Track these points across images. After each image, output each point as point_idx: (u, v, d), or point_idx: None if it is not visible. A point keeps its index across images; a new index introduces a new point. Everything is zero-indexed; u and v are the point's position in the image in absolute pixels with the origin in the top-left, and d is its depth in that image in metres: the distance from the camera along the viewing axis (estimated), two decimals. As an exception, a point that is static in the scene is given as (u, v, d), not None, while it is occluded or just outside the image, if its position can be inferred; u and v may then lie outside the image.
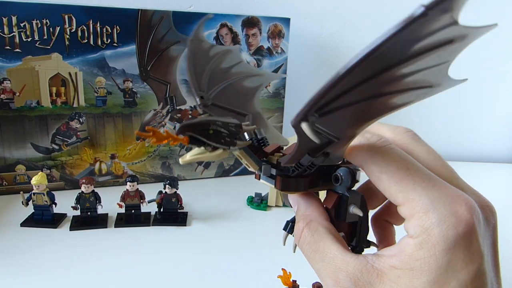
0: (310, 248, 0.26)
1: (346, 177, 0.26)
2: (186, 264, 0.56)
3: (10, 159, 0.75)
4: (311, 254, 0.25)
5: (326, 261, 0.24)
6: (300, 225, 0.27)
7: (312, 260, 0.25)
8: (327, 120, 0.20)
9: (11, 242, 0.60)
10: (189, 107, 0.83)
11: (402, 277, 0.21)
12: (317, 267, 0.25)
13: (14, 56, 0.70)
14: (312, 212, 0.27)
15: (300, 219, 0.27)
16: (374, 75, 0.17)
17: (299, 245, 0.27)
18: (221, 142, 0.24)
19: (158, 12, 0.75)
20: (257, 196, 0.76)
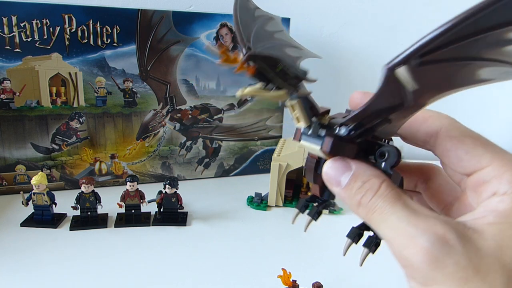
0: (388, 203, 0.23)
1: (393, 155, 0.25)
2: (186, 264, 0.56)
3: (10, 159, 0.75)
4: (391, 210, 0.22)
5: (419, 218, 0.21)
6: (375, 181, 0.24)
7: (390, 218, 0.22)
8: (419, 73, 0.19)
9: (11, 242, 0.60)
10: (189, 107, 0.83)
11: (504, 230, 0.21)
12: (398, 225, 0.22)
13: (14, 56, 0.70)
14: (380, 173, 0.24)
15: (370, 177, 0.24)
16: (488, 29, 0.17)
17: (371, 202, 0.23)
18: (286, 82, 0.23)
19: (158, 12, 0.75)
20: (257, 196, 0.76)
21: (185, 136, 0.85)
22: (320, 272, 0.55)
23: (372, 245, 0.27)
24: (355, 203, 0.24)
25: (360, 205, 0.24)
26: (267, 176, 0.76)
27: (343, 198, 0.25)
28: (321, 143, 0.25)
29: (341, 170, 0.25)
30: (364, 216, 0.24)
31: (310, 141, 0.26)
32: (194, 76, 0.81)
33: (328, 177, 0.25)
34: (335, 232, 0.66)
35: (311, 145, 0.26)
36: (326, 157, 0.26)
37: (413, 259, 0.20)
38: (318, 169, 0.28)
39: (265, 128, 0.91)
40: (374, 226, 0.23)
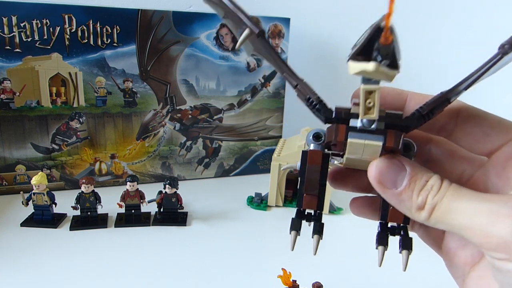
0: (454, 190, 0.22)
1: (414, 146, 0.24)
2: (186, 264, 0.56)
3: (10, 159, 0.75)
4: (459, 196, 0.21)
5: (483, 195, 0.21)
6: (437, 178, 0.22)
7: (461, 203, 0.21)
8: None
9: (11, 242, 0.60)
10: (189, 107, 0.83)
11: None
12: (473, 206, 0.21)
13: (14, 56, 0.70)
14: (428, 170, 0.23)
15: (430, 174, 0.23)
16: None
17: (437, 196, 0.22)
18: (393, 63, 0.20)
19: (158, 12, 0.75)
20: (257, 196, 0.76)
21: (185, 136, 0.85)
22: (320, 272, 0.55)
23: (410, 244, 0.25)
24: (418, 204, 0.22)
25: (426, 204, 0.22)
26: (267, 176, 0.76)
27: (400, 201, 0.23)
28: (383, 138, 0.22)
29: (396, 169, 0.23)
30: (427, 215, 0.22)
31: (362, 137, 0.22)
32: (194, 76, 0.81)
33: (382, 178, 0.23)
34: (335, 232, 0.66)
35: (367, 141, 0.22)
36: (372, 158, 0.23)
37: (498, 230, 0.19)
38: (323, 177, 0.26)
39: (265, 128, 0.91)
40: (443, 219, 0.22)
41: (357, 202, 0.30)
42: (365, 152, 0.23)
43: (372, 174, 0.23)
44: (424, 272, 0.56)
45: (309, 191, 0.26)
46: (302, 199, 0.26)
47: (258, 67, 0.85)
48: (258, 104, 0.88)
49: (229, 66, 0.83)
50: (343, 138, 0.23)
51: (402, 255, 0.25)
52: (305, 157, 0.26)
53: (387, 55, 0.19)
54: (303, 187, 0.26)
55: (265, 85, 0.87)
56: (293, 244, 0.27)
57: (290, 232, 0.27)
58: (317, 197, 0.26)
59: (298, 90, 0.25)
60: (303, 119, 0.82)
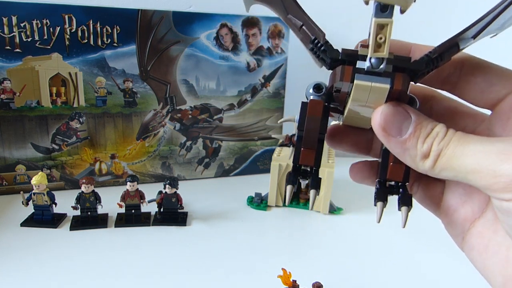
0: (460, 136, 0.21)
1: (418, 102, 0.24)
2: (186, 264, 0.56)
3: (10, 159, 0.75)
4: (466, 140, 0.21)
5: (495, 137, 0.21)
6: (442, 126, 0.22)
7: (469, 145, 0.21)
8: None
9: (11, 242, 0.60)
10: (189, 107, 0.83)
11: None
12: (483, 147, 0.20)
13: (14, 56, 0.70)
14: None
15: (435, 122, 0.22)
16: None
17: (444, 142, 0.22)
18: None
19: (158, 12, 0.75)
20: (257, 196, 0.76)
21: (185, 136, 0.85)
22: (320, 272, 0.55)
23: (409, 201, 0.25)
24: (424, 151, 0.22)
25: (431, 151, 0.21)
26: (267, 176, 0.76)
27: (404, 149, 0.22)
28: (390, 81, 0.21)
29: (402, 117, 0.22)
30: (431, 163, 0.22)
31: (370, 79, 0.21)
32: (194, 76, 0.81)
33: (387, 125, 0.22)
34: (335, 232, 0.66)
35: (375, 84, 0.21)
36: (376, 104, 0.22)
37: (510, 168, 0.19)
38: (322, 130, 0.25)
39: (265, 128, 0.91)
40: (450, 164, 0.21)
41: (357, 166, 0.29)
42: (371, 97, 0.22)
43: (377, 121, 0.22)
44: (424, 273, 0.56)
45: (307, 144, 0.25)
46: (299, 154, 0.25)
47: (258, 67, 0.85)
48: (258, 104, 0.88)
49: (229, 66, 0.83)
50: (349, 79, 0.21)
51: (401, 212, 0.25)
52: (305, 107, 0.24)
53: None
54: (301, 141, 0.25)
55: (265, 85, 0.87)
56: (289, 197, 0.26)
57: (285, 186, 0.26)
58: (315, 151, 0.25)
59: (304, 32, 0.24)
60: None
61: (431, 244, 0.62)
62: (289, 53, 0.87)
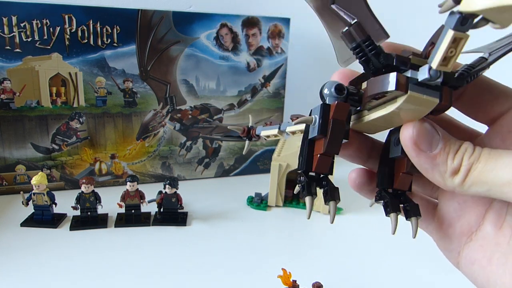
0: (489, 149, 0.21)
1: None
2: (186, 264, 0.56)
3: (10, 159, 0.75)
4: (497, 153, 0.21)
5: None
6: (469, 143, 0.22)
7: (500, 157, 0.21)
8: None
9: (11, 242, 0.60)
10: (189, 107, 0.83)
11: None
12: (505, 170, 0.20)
13: (14, 56, 0.70)
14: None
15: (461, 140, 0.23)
16: None
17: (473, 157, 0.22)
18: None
19: (158, 12, 0.75)
20: (257, 196, 0.76)
21: (185, 136, 0.85)
22: (320, 272, 0.55)
23: (418, 211, 0.24)
24: (454, 167, 0.22)
25: (462, 166, 0.21)
26: (267, 176, 0.76)
27: (434, 164, 0.22)
28: (439, 95, 0.20)
29: (432, 133, 0.22)
30: (461, 179, 0.22)
31: (422, 91, 0.20)
32: (194, 76, 0.81)
33: (420, 140, 0.22)
34: (335, 232, 0.66)
35: (425, 96, 0.20)
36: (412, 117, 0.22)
37: None
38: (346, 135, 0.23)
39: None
40: (482, 178, 0.21)
41: (356, 172, 0.29)
42: (417, 109, 0.21)
43: (409, 135, 0.22)
44: (424, 273, 0.56)
45: (331, 150, 0.23)
46: (315, 160, 0.23)
47: (258, 67, 0.85)
48: (258, 104, 0.88)
49: (229, 66, 0.83)
50: (404, 89, 0.20)
51: (411, 222, 0.24)
52: (327, 110, 0.23)
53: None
54: (312, 145, 0.23)
55: (265, 85, 0.87)
56: (309, 211, 0.24)
57: (304, 197, 0.23)
58: (332, 157, 0.23)
59: (356, 27, 0.22)
60: (303, 119, 0.82)
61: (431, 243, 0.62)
62: (289, 53, 0.87)
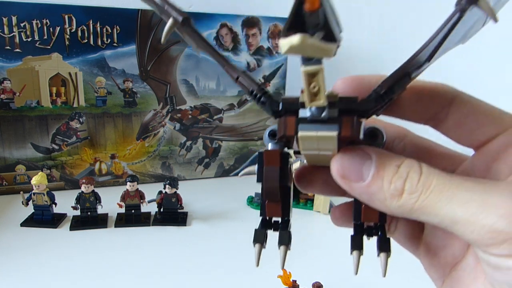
0: (444, 177, 0.19)
1: (382, 133, 0.22)
2: (186, 264, 0.56)
3: (10, 159, 0.75)
4: (453, 184, 0.19)
5: (484, 182, 0.19)
6: (411, 160, 0.20)
7: (458, 193, 0.18)
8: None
9: (11, 242, 0.60)
10: (189, 107, 0.83)
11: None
12: (471, 197, 0.18)
13: (14, 56, 0.70)
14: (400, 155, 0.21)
15: (402, 158, 0.20)
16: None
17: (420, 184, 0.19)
18: (338, 33, 0.17)
19: (158, 12, 0.75)
20: (257, 196, 0.76)
21: (185, 136, 0.85)
22: (320, 272, 0.55)
23: (388, 246, 0.22)
24: (394, 193, 0.19)
25: (404, 193, 0.19)
26: (267, 176, 0.76)
27: (370, 194, 0.20)
28: (338, 127, 0.19)
29: (360, 160, 0.20)
30: (411, 206, 0.19)
31: (315, 128, 0.19)
32: (194, 76, 0.81)
33: (345, 172, 0.20)
34: (335, 232, 0.66)
35: (320, 133, 0.19)
36: (330, 151, 0.21)
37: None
38: (284, 179, 0.23)
39: (265, 128, 0.91)
40: (433, 211, 0.19)
41: (338, 210, 0.27)
42: (321, 146, 0.20)
43: (335, 169, 0.21)
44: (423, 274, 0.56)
45: (270, 197, 0.23)
46: (265, 207, 0.23)
47: (258, 67, 0.85)
48: (258, 104, 0.88)
49: (229, 66, 0.83)
50: (293, 132, 0.20)
51: (380, 259, 0.23)
52: (261, 158, 0.23)
53: (318, 25, 0.16)
54: (264, 191, 0.23)
55: (265, 85, 0.87)
56: (257, 259, 0.24)
57: (253, 244, 0.24)
58: (280, 202, 0.23)
59: (240, 83, 0.22)
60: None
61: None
62: (289, 53, 0.87)
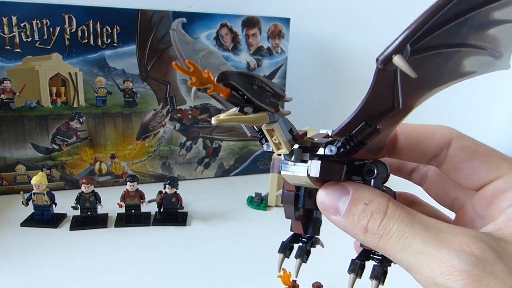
0: (406, 225, 0.20)
1: (382, 170, 0.23)
2: (186, 264, 0.56)
3: (10, 159, 0.75)
4: (412, 233, 0.20)
5: (446, 236, 0.19)
6: (381, 201, 0.21)
7: (413, 242, 0.19)
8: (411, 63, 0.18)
9: (11, 242, 0.60)
10: (189, 107, 0.83)
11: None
12: (424, 249, 0.19)
13: (14, 56, 0.70)
14: (381, 192, 0.22)
15: (372, 197, 0.21)
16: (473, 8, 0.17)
17: (382, 226, 0.20)
18: (265, 102, 0.19)
19: (158, 12, 0.75)
20: (257, 196, 0.76)
21: (185, 136, 0.85)
22: (320, 272, 0.55)
23: (381, 276, 0.24)
24: (361, 230, 0.21)
25: (368, 231, 0.21)
26: (267, 176, 0.76)
27: (345, 227, 0.22)
28: (307, 169, 0.22)
29: (337, 195, 0.22)
30: (375, 244, 0.21)
31: (292, 169, 0.23)
32: (194, 76, 0.81)
33: (324, 205, 0.22)
34: (335, 232, 0.65)
35: (296, 173, 0.22)
36: (315, 185, 0.23)
37: (453, 285, 0.18)
38: (298, 202, 0.25)
39: (265, 128, 0.91)
40: (391, 254, 0.20)
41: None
42: (301, 181, 0.23)
43: (318, 202, 0.23)
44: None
45: (288, 216, 0.26)
46: (291, 223, 0.27)
47: (258, 67, 0.85)
48: (258, 104, 0.88)
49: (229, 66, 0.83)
50: (278, 171, 0.24)
51: (371, 284, 0.25)
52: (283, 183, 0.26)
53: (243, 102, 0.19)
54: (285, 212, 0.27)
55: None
56: (279, 266, 0.29)
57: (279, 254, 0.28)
58: (300, 221, 0.27)
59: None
60: (303, 119, 0.82)
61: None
62: (289, 53, 0.87)
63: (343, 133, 0.22)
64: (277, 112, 0.20)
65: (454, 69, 0.20)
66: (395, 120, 0.21)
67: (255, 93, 0.19)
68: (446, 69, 0.20)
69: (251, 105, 0.19)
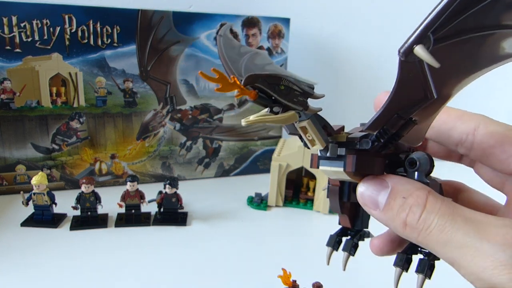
0: (447, 218, 0.19)
1: (424, 162, 0.22)
2: (186, 264, 0.56)
3: (10, 159, 0.75)
4: (453, 227, 0.19)
5: (489, 229, 0.18)
6: (420, 194, 0.20)
7: (455, 236, 0.19)
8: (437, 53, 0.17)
9: (11, 242, 0.60)
10: (189, 107, 0.83)
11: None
12: (467, 243, 0.18)
13: (14, 56, 0.70)
14: (421, 185, 0.21)
15: (411, 191, 0.21)
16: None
17: (422, 220, 0.20)
18: (293, 101, 0.20)
19: (158, 12, 0.75)
20: (257, 196, 0.76)
21: (185, 136, 0.85)
22: (320, 272, 0.55)
23: (427, 270, 0.23)
24: (400, 224, 0.20)
25: (407, 226, 0.20)
26: (267, 176, 0.76)
27: (385, 221, 0.21)
28: (343, 164, 0.22)
29: (376, 189, 0.21)
30: (415, 238, 0.20)
31: (330, 164, 0.23)
32: (194, 76, 0.81)
33: (364, 200, 0.22)
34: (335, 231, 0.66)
35: (333, 168, 0.22)
36: (354, 179, 0.23)
37: (498, 280, 0.17)
38: (343, 196, 0.25)
39: (265, 128, 0.91)
40: (433, 248, 0.20)
41: (376, 241, 0.28)
42: (339, 176, 0.23)
43: (358, 197, 0.23)
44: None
45: (333, 209, 0.27)
46: (339, 217, 0.28)
47: (258, 67, 0.85)
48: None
49: (229, 66, 0.83)
50: (316, 166, 0.24)
51: (417, 278, 0.24)
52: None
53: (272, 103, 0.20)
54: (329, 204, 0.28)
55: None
56: (328, 259, 0.28)
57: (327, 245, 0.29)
58: (346, 215, 0.27)
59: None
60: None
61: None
62: (289, 53, 0.87)
63: (375, 127, 0.21)
64: (306, 110, 0.21)
65: (491, 52, 0.19)
66: (432, 110, 0.21)
67: (282, 93, 0.20)
68: (480, 54, 0.19)
69: (279, 105, 0.20)
